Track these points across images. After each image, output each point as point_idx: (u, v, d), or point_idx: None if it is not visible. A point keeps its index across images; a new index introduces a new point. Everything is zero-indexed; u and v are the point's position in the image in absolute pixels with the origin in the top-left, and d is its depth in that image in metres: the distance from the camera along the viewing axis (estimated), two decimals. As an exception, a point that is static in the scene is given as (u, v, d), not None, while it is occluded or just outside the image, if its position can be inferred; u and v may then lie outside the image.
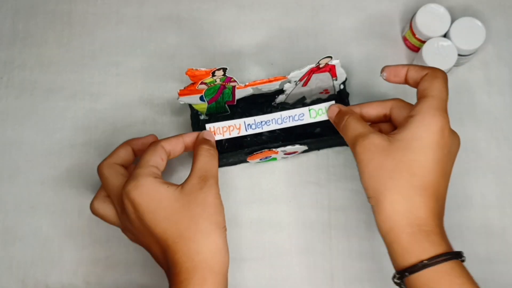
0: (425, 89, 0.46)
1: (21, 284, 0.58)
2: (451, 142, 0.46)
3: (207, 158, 0.49)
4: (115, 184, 0.49)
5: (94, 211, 0.52)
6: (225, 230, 0.47)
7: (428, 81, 0.47)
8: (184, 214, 0.46)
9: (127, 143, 0.54)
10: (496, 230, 0.59)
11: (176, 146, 0.51)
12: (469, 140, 0.61)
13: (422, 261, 0.42)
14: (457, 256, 0.43)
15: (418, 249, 0.42)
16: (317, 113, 0.55)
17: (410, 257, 0.42)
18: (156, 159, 0.49)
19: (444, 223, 0.46)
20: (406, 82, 0.50)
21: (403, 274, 0.43)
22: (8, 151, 0.61)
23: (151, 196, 0.46)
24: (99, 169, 0.51)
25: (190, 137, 0.52)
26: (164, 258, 0.47)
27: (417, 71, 0.48)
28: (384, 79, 0.51)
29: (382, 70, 0.51)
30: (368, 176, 0.45)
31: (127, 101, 0.63)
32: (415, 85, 0.49)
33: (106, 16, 0.65)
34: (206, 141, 0.51)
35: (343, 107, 0.52)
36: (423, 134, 0.44)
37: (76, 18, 0.65)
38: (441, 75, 0.47)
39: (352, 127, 0.48)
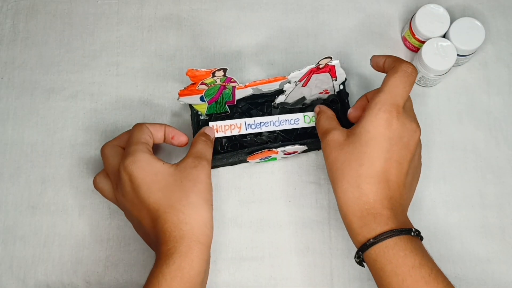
0: (383, 84, 0.51)
1: (22, 283, 0.58)
2: (401, 133, 0.49)
3: (203, 145, 0.54)
4: (111, 162, 0.53)
5: (95, 185, 0.55)
6: (212, 208, 0.50)
7: (387, 76, 0.51)
8: (177, 187, 0.49)
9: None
10: (495, 230, 0.59)
11: (158, 132, 0.55)
12: (469, 140, 0.62)
13: (369, 240, 0.47)
14: (401, 232, 0.46)
15: (366, 230, 0.47)
16: (311, 119, 0.58)
17: (361, 238, 0.48)
18: (145, 136, 0.53)
19: (404, 202, 0.50)
20: (384, 72, 0.53)
21: (358, 253, 0.48)
22: (9, 151, 0.62)
23: (147, 170, 0.50)
24: (102, 149, 0.54)
25: (171, 129, 0.55)
26: (153, 228, 0.49)
27: (389, 63, 0.52)
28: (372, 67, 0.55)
29: (371, 59, 0.55)
30: (328, 169, 0.51)
31: (127, 101, 0.63)
32: None
33: (106, 16, 0.65)
34: (203, 134, 0.55)
35: (322, 107, 0.57)
36: (369, 127, 0.49)
37: (76, 18, 0.65)
38: (401, 69, 0.50)
39: (321, 125, 0.54)
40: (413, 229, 0.48)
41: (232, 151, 0.57)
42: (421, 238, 0.49)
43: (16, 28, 0.65)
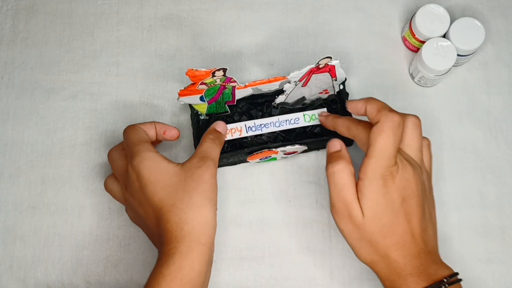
0: (370, 145, 0.47)
1: (22, 283, 0.58)
2: (402, 188, 0.47)
3: (210, 143, 0.53)
4: (119, 164, 0.53)
5: (105, 187, 0.56)
6: (216, 208, 0.50)
7: (373, 136, 0.47)
8: (180, 187, 0.49)
9: None
10: (495, 230, 0.59)
11: (149, 130, 0.55)
12: (469, 140, 0.62)
13: None
14: None
15: None
16: (310, 118, 0.58)
17: None
18: (143, 135, 0.53)
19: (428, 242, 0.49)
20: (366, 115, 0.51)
21: None
22: (9, 151, 0.61)
23: (153, 168, 0.50)
24: (109, 153, 0.55)
25: (161, 125, 0.56)
26: (157, 228, 0.49)
27: (371, 112, 0.49)
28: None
29: (346, 105, 0.53)
30: (345, 239, 0.51)
31: (127, 101, 0.63)
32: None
33: (106, 16, 0.65)
34: (213, 131, 0.55)
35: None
36: (370, 204, 0.47)
37: (76, 18, 0.65)
38: (387, 126, 0.47)
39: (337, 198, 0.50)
40: (445, 280, 0.46)
41: (232, 151, 0.57)
42: (459, 280, 0.47)
43: (16, 28, 0.65)
